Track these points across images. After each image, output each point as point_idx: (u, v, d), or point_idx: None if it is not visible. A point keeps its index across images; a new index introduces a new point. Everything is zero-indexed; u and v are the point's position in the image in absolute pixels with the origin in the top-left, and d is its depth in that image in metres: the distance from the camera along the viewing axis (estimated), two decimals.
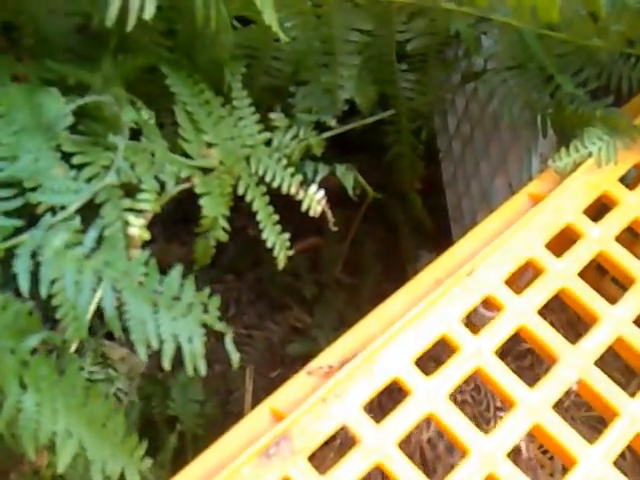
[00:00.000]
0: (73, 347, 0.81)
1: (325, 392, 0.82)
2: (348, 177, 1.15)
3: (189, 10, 0.89)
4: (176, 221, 1.52)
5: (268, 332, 1.50)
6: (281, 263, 1.06)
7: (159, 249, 1.54)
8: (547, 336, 0.90)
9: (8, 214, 0.75)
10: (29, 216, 0.78)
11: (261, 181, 1.02)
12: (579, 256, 0.97)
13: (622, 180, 1.03)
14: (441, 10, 1.03)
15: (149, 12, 0.75)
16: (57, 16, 0.92)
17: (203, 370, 0.76)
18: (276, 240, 1.03)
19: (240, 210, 1.01)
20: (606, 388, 0.88)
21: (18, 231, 0.75)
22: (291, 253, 1.03)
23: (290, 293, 1.55)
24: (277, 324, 1.51)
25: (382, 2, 1.01)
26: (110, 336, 1.11)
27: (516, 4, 0.92)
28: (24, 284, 0.71)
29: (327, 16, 1.03)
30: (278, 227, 1.03)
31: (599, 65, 1.09)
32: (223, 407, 1.32)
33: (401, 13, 1.07)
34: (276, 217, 1.03)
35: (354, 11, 1.03)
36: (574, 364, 0.89)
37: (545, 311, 0.93)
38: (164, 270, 0.84)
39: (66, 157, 0.83)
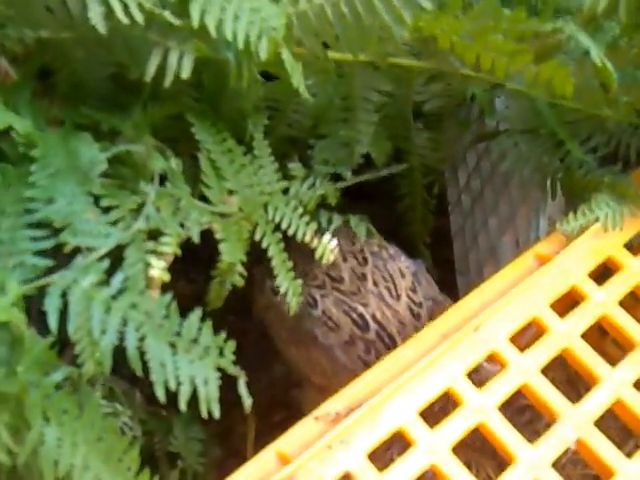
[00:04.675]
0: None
1: (331, 438, 0.85)
2: (361, 227, 1.19)
3: (216, 64, 0.93)
4: (185, 259, 1.53)
5: (271, 374, 1.51)
6: (292, 309, 1.08)
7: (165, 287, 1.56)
8: (549, 395, 0.93)
9: (41, 254, 0.78)
10: (54, 255, 0.81)
11: (277, 228, 1.05)
12: (583, 318, 0.99)
13: (627, 246, 1.07)
14: (459, 75, 1.07)
15: (186, 71, 0.79)
16: (92, 64, 0.95)
17: (217, 413, 0.78)
18: (289, 286, 1.06)
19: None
20: (604, 448, 0.90)
21: (48, 271, 0.78)
22: (302, 299, 1.07)
23: None
24: (281, 365, 1.52)
25: (402, 66, 1.05)
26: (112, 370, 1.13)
27: (533, 77, 0.96)
28: (53, 322, 0.74)
29: (349, 76, 1.07)
30: (292, 273, 1.06)
31: (608, 133, 1.14)
32: (224, 448, 1.32)
33: (420, 76, 1.12)
34: (290, 264, 1.06)
35: (375, 73, 1.07)
36: (574, 423, 0.91)
37: (545, 368, 0.96)
38: None
39: (95, 199, 0.86)
